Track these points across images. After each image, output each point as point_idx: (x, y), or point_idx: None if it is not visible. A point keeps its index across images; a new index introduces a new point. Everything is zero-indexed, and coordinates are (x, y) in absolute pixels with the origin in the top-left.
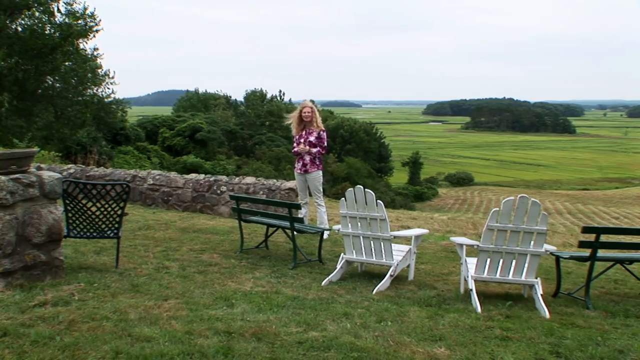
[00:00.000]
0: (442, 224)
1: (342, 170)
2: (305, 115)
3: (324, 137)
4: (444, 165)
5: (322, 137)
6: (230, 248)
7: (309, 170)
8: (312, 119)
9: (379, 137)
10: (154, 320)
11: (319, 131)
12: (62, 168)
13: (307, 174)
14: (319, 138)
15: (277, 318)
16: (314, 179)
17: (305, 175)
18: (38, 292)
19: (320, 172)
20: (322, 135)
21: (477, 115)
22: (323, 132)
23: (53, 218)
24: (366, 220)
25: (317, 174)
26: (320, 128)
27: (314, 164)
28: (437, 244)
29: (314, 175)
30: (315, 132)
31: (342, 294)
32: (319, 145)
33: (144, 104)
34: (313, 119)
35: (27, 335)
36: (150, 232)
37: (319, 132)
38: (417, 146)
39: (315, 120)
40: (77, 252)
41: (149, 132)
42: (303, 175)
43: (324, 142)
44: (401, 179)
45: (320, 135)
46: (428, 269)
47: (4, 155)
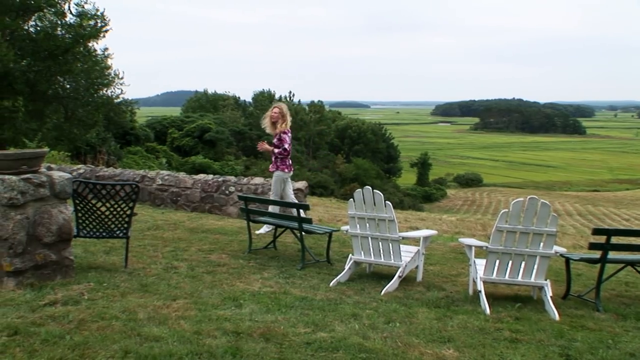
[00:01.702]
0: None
1: (350, 170)
2: (272, 116)
3: (284, 138)
4: (453, 166)
5: (282, 139)
6: (238, 248)
7: (270, 169)
8: (278, 121)
9: (388, 138)
10: (162, 320)
11: (279, 133)
12: (72, 168)
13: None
14: (279, 140)
15: (285, 318)
16: (274, 179)
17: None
18: (48, 291)
19: (280, 173)
20: (282, 137)
21: (486, 116)
22: (283, 134)
23: (63, 218)
24: (375, 221)
25: (276, 174)
26: (282, 130)
27: (274, 165)
28: (446, 245)
29: (274, 175)
30: (277, 135)
31: (350, 294)
32: (280, 147)
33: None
34: (278, 121)
35: (37, 334)
36: (159, 232)
37: (280, 134)
38: (426, 147)
39: (280, 122)
40: (86, 251)
41: (157, 133)
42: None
43: (284, 144)
44: (410, 179)
45: (280, 137)
46: (437, 270)
47: (15, 156)
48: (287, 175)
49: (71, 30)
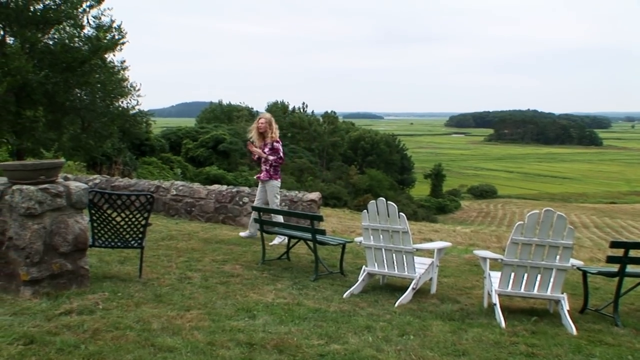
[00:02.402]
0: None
1: (363, 182)
2: (260, 126)
3: (278, 147)
4: (467, 177)
5: (275, 148)
6: (252, 259)
7: (263, 178)
8: (267, 131)
9: (401, 149)
10: (176, 330)
11: (272, 142)
12: (88, 178)
13: (265, 183)
14: (272, 149)
15: (298, 330)
16: (269, 189)
17: (265, 184)
18: (64, 301)
19: (275, 182)
20: (276, 145)
21: (501, 127)
22: (276, 143)
23: (79, 228)
24: (388, 233)
25: (271, 184)
26: (274, 139)
27: (268, 173)
28: (460, 257)
29: (269, 185)
30: (269, 144)
31: (363, 306)
32: (274, 155)
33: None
34: (267, 131)
35: (53, 343)
36: (173, 243)
37: (272, 143)
38: (440, 158)
39: (269, 132)
40: (101, 261)
41: (172, 143)
42: (263, 184)
43: (279, 152)
44: (423, 191)
45: (273, 146)
46: (451, 283)
47: (33, 166)
48: (280, 184)
49: (88, 43)
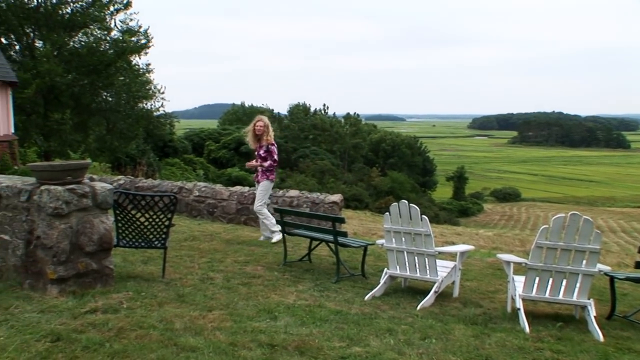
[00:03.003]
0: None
1: (385, 184)
2: (257, 129)
3: (273, 150)
4: (490, 180)
5: (271, 151)
6: (273, 260)
7: (259, 180)
8: (263, 133)
9: (423, 151)
10: (198, 330)
11: (267, 145)
12: (113, 179)
13: (258, 184)
14: (267, 152)
15: (320, 332)
16: (261, 187)
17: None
18: (89, 299)
19: (268, 182)
20: (271, 148)
21: (525, 129)
22: (272, 146)
23: (104, 228)
24: (410, 235)
25: (264, 184)
26: (269, 142)
27: (264, 174)
28: (483, 261)
29: (261, 185)
30: (264, 146)
31: (385, 309)
32: (270, 159)
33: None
34: (264, 134)
35: (78, 341)
36: (195, 243)
37: (267, 146)
38: (462, 160)
39: (265, 134)
40: (125, 261)
41: (195, 145)
42: (257, 184)
43: (274, 155)
44: (445, 193)
45: (268, 149)
46: (474, 286)
47: (61, 167)
48: (272, 183)
49: (114, 46)
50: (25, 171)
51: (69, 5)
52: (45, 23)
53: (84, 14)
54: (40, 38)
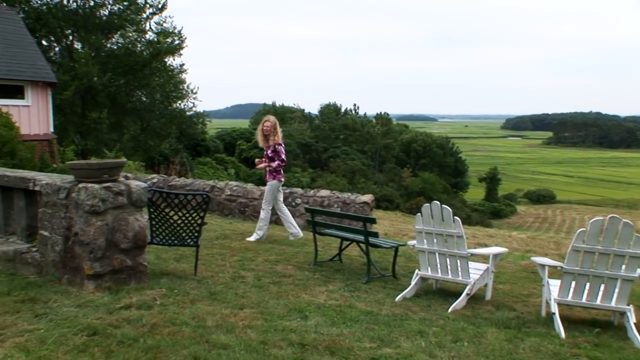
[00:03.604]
0: (521, 243)
1: (416, 184)
2: (264, 129)
3: (280, 150)
4: (524, 181)
5: (278, 151)
6: (304, 260)
7: (267, 179)
8: (270, 134)
9: (455, 152)
10: (230, 328)
11: (274, 145)
12: (147, 177)
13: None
14: (274, 152)
15: (350, 332)
16: (268, 187)
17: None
18: (124, 295)
19: (276, 182)
20: (278, 148)
21: (561, 130)
22: (279, 146)
23: (139, 225)
24: (442, 237)
25: (271, 183)
26: (276, 142)
27: (271, 174)
28: (517, 264)
29: (268, 184)
30: (272, 146)
31: (416, 310)
32: (277, 158)
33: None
34: (271, 134)
35: (114, 336)
36: (227, 242)
37: (275, 146)
38: (495, 161)
39: (273, 134)
40: (158, 258)
41: (227, 144)
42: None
43: (281, 155)
44: (477, 195)
45: (275, 148)
46: (507, 289)
47: (98, 165)
48: (281, 184)
49: (150, 47)
50: (63, 169)
51: (107, 8)
52: (83, 25)
53: (120, 16)
54: (79, 40)
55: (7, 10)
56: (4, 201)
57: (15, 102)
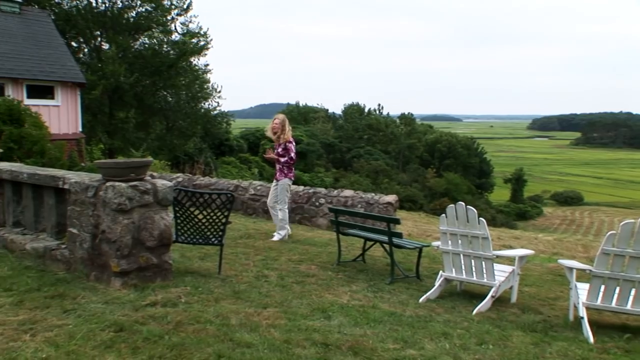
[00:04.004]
0: (547, 245)
1: (440, 185)
2: (274, 127)
3: (290, 147)
4: (550, 183)
5: (288, 148)
6: (327, 260)
7: (278, 178)
8: (279, 131)
9: (480, 153)
10: (254, 327)
11: (284, 143)
12: (172, 177)
13: (277, 182)
14: (285, 149)
15: (374, 333)
16: (280, 186)
17: (277, 182)
18: (149, 293)
19: (287, 180)
20: (288, 146)
21: (589, 130)
22: (289, 144)
23: (164, 224)
24: (467, 238)
25: (283, 182)
26: (287, 140)
27: (282, 172)
28: (543, 266)
29: (280, 183)
30: (282, 144)
31: (440, 312)
32: (287, 155)
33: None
34: (280, 131)
35: (140, 332)
36: (250, 241)
37: (285, 144)
38: (521, 162)
39: (281, 132)
40: (183, 256)
41: (250, 144)
42: (276, 182)
43: (290, 153)
44: (503, 196)
45: (286, 146)
46: (533, 292)
47: (125, 164)
48: (291, 182)
49: (176, 47)
50: (91, 168)
51: (134, 10)
52: (111, 26)
53: (147, 17)
54: (107, 41)
55: (38, 12)
56: (34, 199)
57: (45, 102)
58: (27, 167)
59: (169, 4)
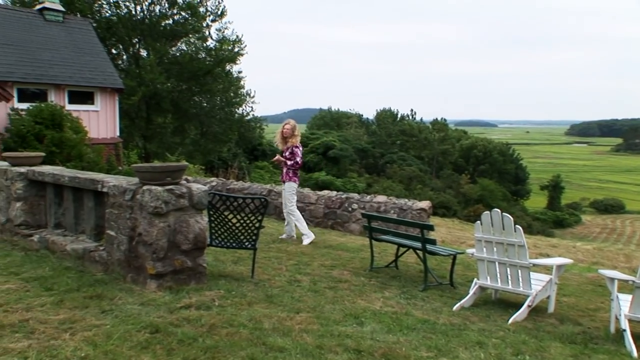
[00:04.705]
0: (587, 254)
1: (475, 191)
2: (284, 131)
3: (296, 152)
4: (590, 190)
5: (294, 152)
6: (360, 266)
7: (284, 180)
8: (289, 136)
9: (516, 159)
10: (286, 331)
11: (291, 147)
12: (206, 181)
13: (285, 184)
14: (291, 153)
15: (407, 340)
16: (286, 189)
17: (284, 184)
18: (184, 295)
19: (292, 184)
20: (295, 150)
21: (632, 136)
22: (295, 148)
23: (199, 227)
24: (502, 246)
25: (288, 185)
26: (294, 144)
27: (287, 175)
28: (582, 276)
29: (286, 186)
30: (289, 148)
31: (474, 321)
32: (292, 160)
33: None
34: (290, 136)
35: (174, 334)
36: (283, 246)
37: (292, 148)
38: (559, 169)
39: (291, 137)
40: (217, 260)
41: None
42: (283, 184)
43: (297, 157)
44: (539, 203)
45: (292, 150)
46: (571, 303)
47: (161, 168)
48: (297, 185)
49: (212, 54)
50: (128, 171)
51: (171, 17)
52: (149, 34)
53: (183, 24)
54: (145, 47)
55: (80, 21)
56: (75, 202)
57: (85, 107)
58: (68, 170)
59: (204, 11)
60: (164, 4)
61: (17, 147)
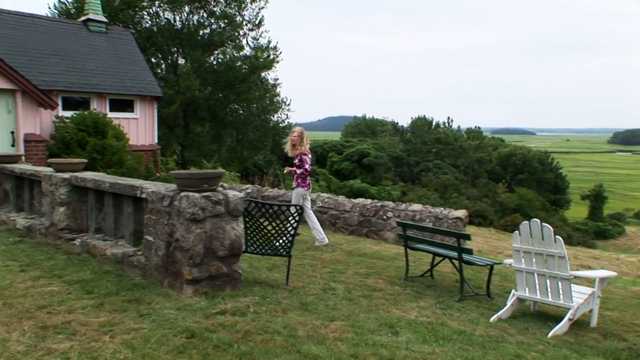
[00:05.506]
0: (631, 267)
1: (512, 200)
2: (292, 139)
3: (305, 159)
4: (634, 200)
5: (302, 160)
6: (394, 274)
7: (294, 185)
8: (297, 143)
9: (555, 167)
10: (321, 339)
11: (300, 155)
12: (242, 188)
13: (294, 190)
14: (300, 161)
15: (442, 351)
16: (295, 194)
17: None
18: (219, 301)
19: (301, 190)
20: (303, 158)
21: None
22: (304, 156)
23: (235, 234)
24: (542, 257)
25: (297, 190)
26: (302, 152)
27: (296, 182)
28: (627, 289)
29: (295, 191)
30: (298, 155)
31: (512, 333)
32: (301, 167)
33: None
34: (298, 143)
35: (210, 340)
36: (317, 253)
37: (300, 155)
38: (601, 178)
39: (299, 144)
40: (252, 267)
41: (318, 156)
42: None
43: (305, 164)
44: (579, 213)
45: (301, 158)
46: (615, 317)
47: (199, 175)
48: (306, 192)
49: (247, 62)
50: (165, 178)
51: (209, 27)
52: (187, 43)
53: (221, 33)
54: (183, 56)
55: (122, 31)
56: (115, 207)
57: (125, 115)
58: (109, 176)
59: (240, 20)
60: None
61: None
